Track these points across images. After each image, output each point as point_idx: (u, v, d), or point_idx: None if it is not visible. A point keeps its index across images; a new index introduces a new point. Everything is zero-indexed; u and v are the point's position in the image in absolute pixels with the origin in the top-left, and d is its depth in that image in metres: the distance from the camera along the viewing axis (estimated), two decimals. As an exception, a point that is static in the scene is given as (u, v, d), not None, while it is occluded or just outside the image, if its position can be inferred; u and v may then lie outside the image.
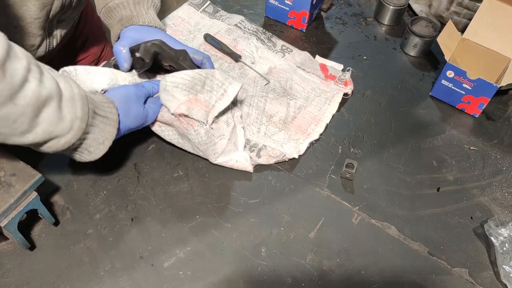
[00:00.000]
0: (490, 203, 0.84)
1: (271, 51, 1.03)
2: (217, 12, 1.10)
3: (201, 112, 0.74)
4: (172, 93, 0.73)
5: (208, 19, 1.09)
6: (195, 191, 0.81)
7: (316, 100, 0.95)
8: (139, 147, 0.86)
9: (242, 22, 1.08)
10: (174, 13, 1.09)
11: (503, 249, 0.74)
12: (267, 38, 1.06)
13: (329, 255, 0.75)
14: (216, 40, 1.01)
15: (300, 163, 0.87)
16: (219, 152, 0.80)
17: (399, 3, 1.13)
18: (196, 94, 0.74)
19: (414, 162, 0.89)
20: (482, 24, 0.98)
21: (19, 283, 0.69)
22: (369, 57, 1.08)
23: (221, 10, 1.11)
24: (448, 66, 0.94)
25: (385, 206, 0.82)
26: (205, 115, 0.75)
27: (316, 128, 0.91)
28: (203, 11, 1.10)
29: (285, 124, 0.90)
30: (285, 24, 1.13)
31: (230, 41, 1.03)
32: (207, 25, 1.07)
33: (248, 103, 0.92)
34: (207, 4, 1.11)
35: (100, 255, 0.72)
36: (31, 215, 0.70)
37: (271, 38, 1.06)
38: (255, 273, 0.73)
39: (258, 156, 0.84)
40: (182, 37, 1.04)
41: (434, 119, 0.97)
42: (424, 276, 0.74)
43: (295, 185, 0.83)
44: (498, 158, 0.91)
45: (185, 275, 0.71)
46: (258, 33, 1.07)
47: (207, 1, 1.12)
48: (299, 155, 0.87)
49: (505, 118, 0.98)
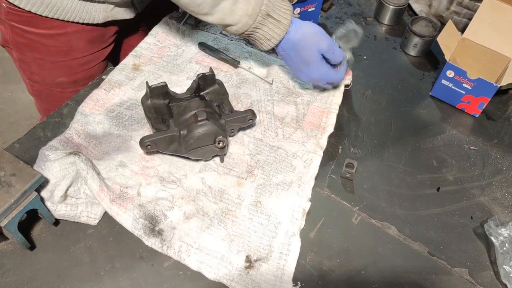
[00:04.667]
0: (490, 203, 0.84)
1: (264, 53, 1.02)
2: (199, 22, 1.07)
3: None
4: None
5: (192, 31, 1.06)
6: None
7: (320, 94, 0.96)
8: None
9: None
10: (156, 27, 1.05)
11: (503, 249, 0.74)
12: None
13: (329, 255, 0.75)
14: (212, 48, 1.00)
15: (300, 163, 0.86)
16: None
17: (399, 2, 1.13)
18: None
19: (414, 162, 0.89)
20: (482, 24, 0.98)
21: (19, 283, 0.69)
22: (369, 57, 1.08)
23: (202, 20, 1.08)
24: (448, 66, 0.93)
25: (385, 206, 0.82)
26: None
27: (328, 121, 0.91)
28: (185, 23, 1.07)
29: (298, 122, 0.90)
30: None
31: (221, 50, 1.01)
32: (193, 37, 1.05)
33: (257, 109, 0.91)
34: (187, 16, 1.07)
35: (100, 255, 0.72)
36: (31, 215, 0.70)
37: None
38: (255, 273, 0.72)
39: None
40: (171, 53, 1.01)
41: (434, 119, 0.97)
42: (424, 276, 0.74)
43: (295, 185, 0.83)
44: (498, 158, 0.91)
45: (185, 275, 0.71)
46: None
47: (186, 14, 1.07)
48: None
49: (505, 118, 0.98)
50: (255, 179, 0.81)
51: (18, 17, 0.91)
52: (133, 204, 0.74)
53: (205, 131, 0.76)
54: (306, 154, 0.85)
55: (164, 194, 0.77)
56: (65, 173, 0.72)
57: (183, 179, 0.80)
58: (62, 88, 1.03)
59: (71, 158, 0.74)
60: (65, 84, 1.03)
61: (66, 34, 0.94)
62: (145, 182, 0.78)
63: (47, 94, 1.06)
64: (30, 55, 0.98)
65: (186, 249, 0.72)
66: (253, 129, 0.88)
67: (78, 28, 0.94)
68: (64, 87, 1.03)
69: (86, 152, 0.81)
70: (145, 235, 0.72)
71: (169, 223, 0.74)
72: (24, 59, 1.00)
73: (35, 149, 0.81)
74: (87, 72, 1.03)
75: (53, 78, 1.02)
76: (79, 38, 0.97)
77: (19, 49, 0.98)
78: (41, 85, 1.04)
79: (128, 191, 0.76)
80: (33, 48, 0.96)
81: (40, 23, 0.91)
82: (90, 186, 0.73)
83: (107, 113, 0.87)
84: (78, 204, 0.74)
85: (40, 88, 1.05)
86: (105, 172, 0.78)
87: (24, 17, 0.90)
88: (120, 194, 0.75)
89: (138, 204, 0.75)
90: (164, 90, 0.83)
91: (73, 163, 0.73)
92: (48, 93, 1.05)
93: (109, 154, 0.82)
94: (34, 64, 1.00)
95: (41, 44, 0.95)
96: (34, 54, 0.97)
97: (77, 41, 0.97)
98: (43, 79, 1.03)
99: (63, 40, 0.95)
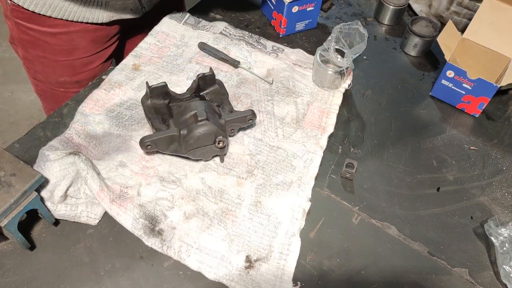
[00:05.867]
0: (490, 203, 0.84)
1: (263, 53, 1.03)
2: (199, 22, 1.08)
3: None
4: None
5: (192, 31, 1.06)
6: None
7: (320, 94, 0.96)
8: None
9: (226, 28, 1.07)
10: (156, 28, 1.05)
11: (503, 249, 0.74)
12: (256, 41, 1.05)
13: (329, 255, 0.75)
14: (212, 48, 1.00)
15: (300, 163, 0.86)
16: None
17: (399, 3, 1.13)
18: None
19: (414, 162, 0.89)
20: (482, 24, 0.98)
21: (19, 283, 0.69)
22: (369, 57, 1.08)
23: (202, 20, 1.08)
24: (448, 66, 0.94)
25: (385, 206, 0.82)
26: None
27: (328, 121, 0.91)
28: (185, 23, 1.07)
29: (298, 122, 0.90)
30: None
31: (221, 49, 1.01)
32: (193, 37, 1.04)
33: (257, 109, 0.91)
34: (187, 16, 1.08)
35: (100, 255, 0.72)
36: (31, 215, 0.70)
37: (260, 41, 1.06)
38: (255, 273, 0.72)
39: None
40: (171, 53, 1.01)
41: (434, 119, 0.97)
42: (424, 276, 0.74)
43: (295, 185, 0.83)
44: (498, 158, 0.91)
45: (185, 275, 0.71)
46: (245, 37, 1.06)
47: (186, 14, 1.09)
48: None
49: (505, 118, 0.98)
50: (255, 179, 0.81)
51: (22, 14, 0.91)
52: (133, 204, 0.74)
53: (205, 131, 0.76)
54: (306, 154, 0.85)
55: (164, 194, 0.77)
56: (65, 173, 0.72)
57: (183, 179, 0.80)
58: (65, 88, 1.04)
59: (71, 158, 0.74)
60: (68, 84, 1.03)
61: (69, 33, 0.95)
62: (145, 182, 0.78)
63: (50, 93, 1.06)
64: (33, 53, 0.98)
65: (186, 249, 0.72)
66: (253, 129, 0.88)
67: (82, 27, 0.94)
68: (67, 87, 1.04)
69: (86, 152, 0.81)
70: (145, 235, 0.72)
71: (169, 223, 0.74)
72: (28, 56, 1.00)
73: (35, 149, 0.82)
74: (89, 72, 1.03)
75: (56, 77, 1.02)
76: (82, 37, 0.97)
77: (23, 46, 0.99)
78: (44, 84, 1.04)
79: (128, 191, 0.76)
80: (36, 45, 0.96)
81: (43, 21, 0.91)
82: (90, 186, 0.73)
83: (107, 113, 0.87)
84: (78, 204, 0.74)
85: (44, 88, 1.06)
86: (105, 172, 0.78)
87: (28, 14, 0.90)
88: (120, 194, 0.75)
89: (138, 204, 0.75)
90: (164, 90, 0.83)
91: (73, 163, 0.73)
92: (52, 93, 1.06)
93: (109, 154, 0.82)
94: (38, 62, 1.00)
95: (44, 42, 0.95)
96: (38, 51, 0.97)
97: (80, 40, 0.97)
98: (46, 78, 1.03)
99: (66, 39, 0.95)
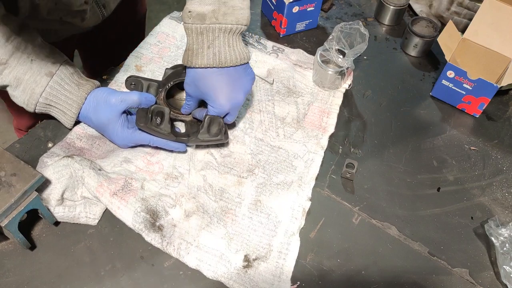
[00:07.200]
0: (490, 203, 0.84)
1: (264, 53, 1.03)
2: None
3: None
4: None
5: None
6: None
7: (320, 94, 0.96)
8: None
9: None
10: (157, 28, 1.05)
11: (503, 249, 0.74)
12: (256, 41, 1.05)
13: (329, 255, 0.75)
14: None
15: (301, 163, 0.86)
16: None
17: (399, 3, 1.13)
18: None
19: (415, 162, 0.89)
20: (483, 24, 0.98)
21: (19, 283, 0.69)
22: (369, 57, 1.08)
23: None
24: (449, 66, 0.94)
25: (386, 206, 0.82)
26: None
27: (329, 121, 0.91)
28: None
29: (299, 122, 0.90)
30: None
31: None
32: None
33: (258, 109, 0.92)
34: None
35: (100, 255, 0.72)
36: (32, 215, 0.71)
37: (260, 41, 1.05)
38: (255, 273, 0.72)
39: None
40: (171, 54, 1.00)
41: (435, 119, 0.97)
42: (424, 276, 0.74)
43: (295, 185, 0.83)
44: (499, 158, 0.91)
45: (185, 275, 0.71)
46: (245, 37, 1.06)
47: None
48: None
49: (505, 118, 0.98)
50: (255, 178, 0.81)
51: None
52: (136, 197, 0.74)
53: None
54: (307, 154, 0.85)
55: (167, 191, 0.77)
56: (59, 175, 0.73)
57: (186, 174, 0.80)
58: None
59: (64, 161, 0.74)
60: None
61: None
62: (150, 178, 0.78)
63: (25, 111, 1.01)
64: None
65: (185, 247, 0.72)
66: (254, 129, 0.88)
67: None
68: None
69: (90, 155, 0.81)
70: (145, 229, 0.72)
71: (170, 220, 0.74)
72: None
73: (36, 149, 0.82)
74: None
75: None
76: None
77: None
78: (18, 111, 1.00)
79: (132, 183, 0.76)
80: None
81: None
82: (88, 184, 0.73)
83: None
84: (76, 206, 0.74)
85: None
86: (110, 167, 0.78)
87: None
88: (124, 185, 0.75)
89: (141, 198, 0.75)
90: (157, 110, 0.80)
91: (67, 166, 0.74)
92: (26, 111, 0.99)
93: (113, 151, 0.82)
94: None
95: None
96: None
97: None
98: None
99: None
